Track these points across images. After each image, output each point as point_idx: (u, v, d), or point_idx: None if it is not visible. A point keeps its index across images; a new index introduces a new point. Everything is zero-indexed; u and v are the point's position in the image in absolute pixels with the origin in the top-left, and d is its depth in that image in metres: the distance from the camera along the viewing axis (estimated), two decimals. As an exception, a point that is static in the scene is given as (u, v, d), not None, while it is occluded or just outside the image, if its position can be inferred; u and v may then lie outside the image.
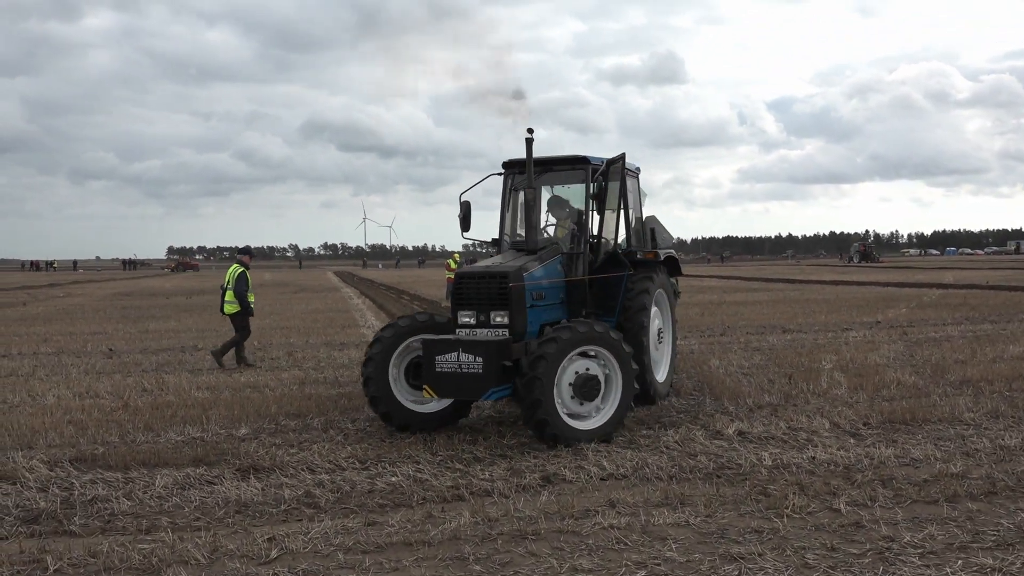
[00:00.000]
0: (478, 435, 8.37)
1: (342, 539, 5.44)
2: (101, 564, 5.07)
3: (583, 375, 7.81)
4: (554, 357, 7.62)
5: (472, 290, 8.30)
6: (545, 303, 8.61)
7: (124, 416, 9.54)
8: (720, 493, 6.33)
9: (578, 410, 7.86)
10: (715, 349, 14.74)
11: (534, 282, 8.41)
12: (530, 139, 8.80)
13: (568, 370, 7.78)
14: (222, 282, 14.21)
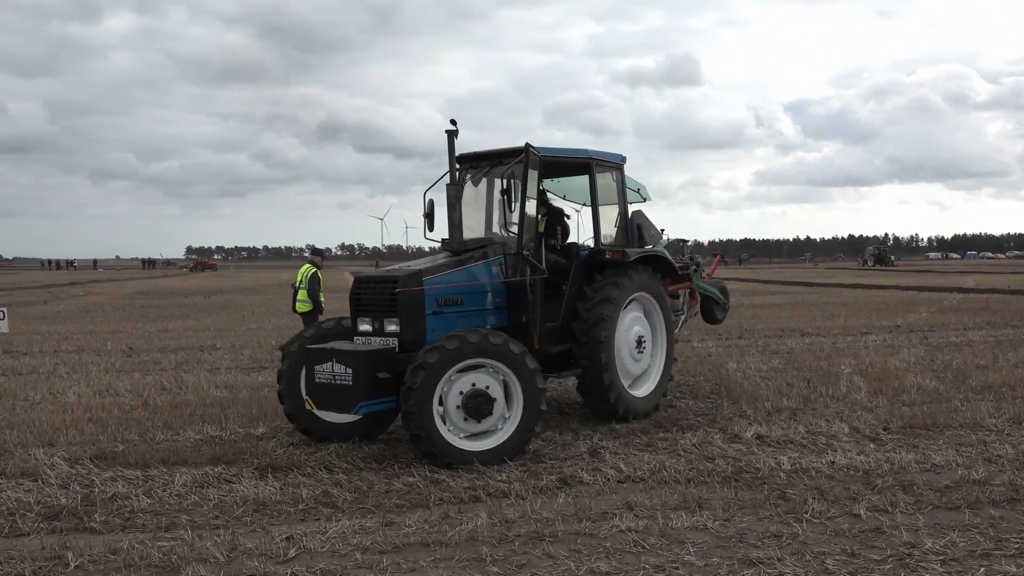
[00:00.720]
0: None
1: (360, 539, 5.46)
2: (121, 561, 5.11)
3: (471, 390, 7.15)
4: (435, 368, 6.99)
5: (367, 296, 7.85)
6: (460, 309, 7.91)
7: (143, 414, 9.62)
8: (738, 497, 6.29)
9: (466, 427, 7.21)
10: (732, 352, 14.67)
11: (440, 286, 7.77)
12: (451, 131, 8.05)
13: (458, 383, 7.14)
14: (293, 281, 14.28)
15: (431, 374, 7.00)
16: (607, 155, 9.41)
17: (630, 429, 8.67)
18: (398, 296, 7.56)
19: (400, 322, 7.58)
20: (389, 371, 7.30)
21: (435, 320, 7.68)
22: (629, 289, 8.96)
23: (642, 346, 9.22)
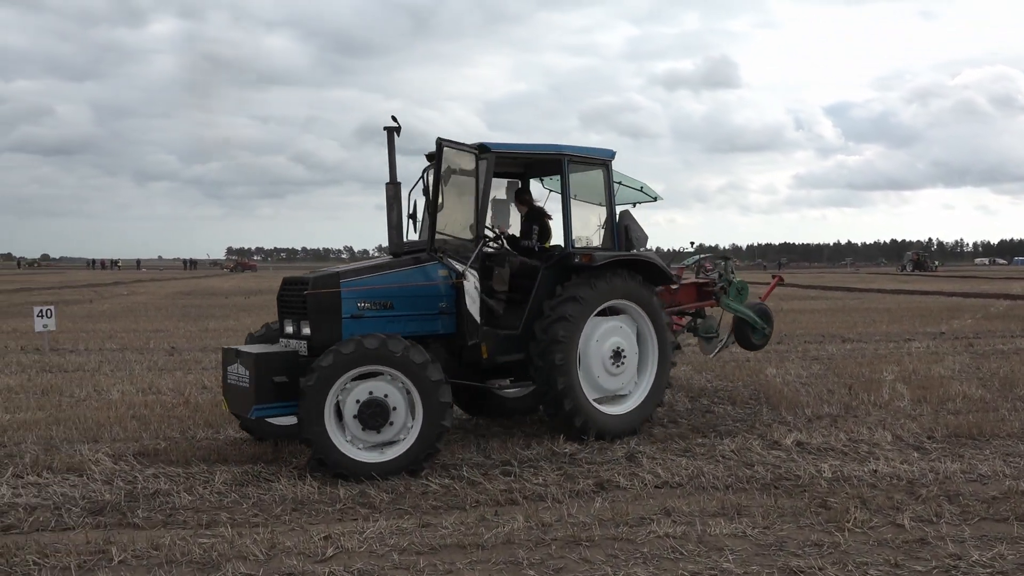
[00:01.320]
0: (532, 439, 8.35)
1: (397, 539, 5.48)
2: (163, 557, 5.19)
3: (367, 399, 6.87)
4: (328, 372, 6.78)
5: (289, 298, 7.71)
6: (391, 314, 7.55)
7: (185, 412, 9.77)
8: (778, 504, 6.21)
9: (366, 437, 6.93)
10: (772, 358, 14.50)
11: (361, 289, 7.47)
12: (391, 128, 7.65)
13: (356, 391, 6.89)
14: None
15: (323, 378, 6.80)
16: (587, 150, 8.73)
17: (667, 434, 8.60)
18: (307, 298, 7.41)
19: (310, 325, 7.37)
20: (288, 375, 7.06)
21: (355, 324, 7.34)
22: (597, 299, 8.22)
23: (621, 359, 8.43)
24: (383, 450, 7.01)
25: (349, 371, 6.86)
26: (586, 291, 8.16)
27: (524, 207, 9.22)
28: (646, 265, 8.74)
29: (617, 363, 8.43)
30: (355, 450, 6.92)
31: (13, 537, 5.57)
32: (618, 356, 8.43)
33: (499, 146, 8.14)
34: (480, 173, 7.86)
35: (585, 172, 8.88)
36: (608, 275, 8.34)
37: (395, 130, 7.62)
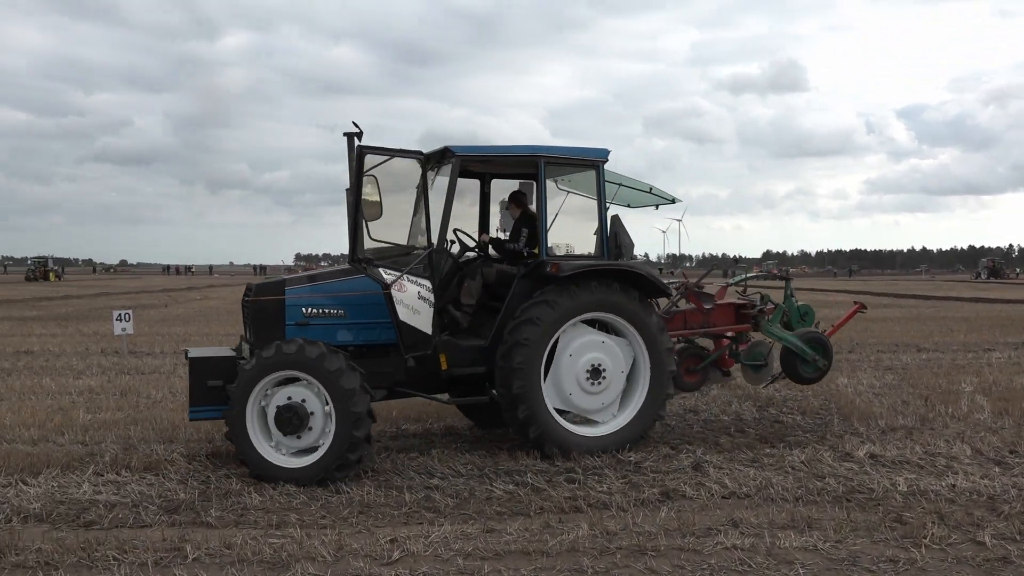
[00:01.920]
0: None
1: (461, 544, 5.51)
2: (235, 555, 5.32)
3: (285, 404, 6.89)
4: (248, 376, 6.89)
5: (246, 304, 7.85)
6: (342, 322, 7.51)
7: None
8: (851, 518, 6.04)
9: (289, 443, 6.97)
10: (843, 367, 14.13)
11: (307, 296, 7.48)
12: (351, 134, 7.54)
13: (278, 395, 6.93)
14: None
15: (244, 382, 6.90)
16: (570, 151, 8.19)
17: (734, 443, 8.46)
18: (248, 305, 7.59)
19: (253, 332, 7.51)
20: (224, 379, 7.12)
21: (300, 332, 7.32)
22: (574, 308, 7.76)
23: (599, 378, 7.88)
24: (297, 456, 7.03)
25: (268, 376, 6.92)
26: (562, 298, 7.71)
27: (518, 210, 8.74)
28: (634, 276, 8.03)
29: (594, 381, 7.85)
30: (276, 454, 6.97)
31: (94, 532, 5.78)
32: (596, 374, 7.85)
33: (465, 149, 7.88)
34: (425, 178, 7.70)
35: (565, 175, 8.54)
36: (591, 285, 7.83)
37: (356, 135, 7.57)
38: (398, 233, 7.79)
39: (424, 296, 7.57)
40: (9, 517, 6.08)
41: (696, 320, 9.22)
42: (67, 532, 5.80)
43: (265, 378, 6.93)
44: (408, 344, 7.53)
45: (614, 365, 7.94)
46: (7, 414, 9.76)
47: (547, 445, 7.69)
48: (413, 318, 7.50)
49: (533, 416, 7.65)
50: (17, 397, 11.11)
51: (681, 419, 9.75)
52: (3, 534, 5.70)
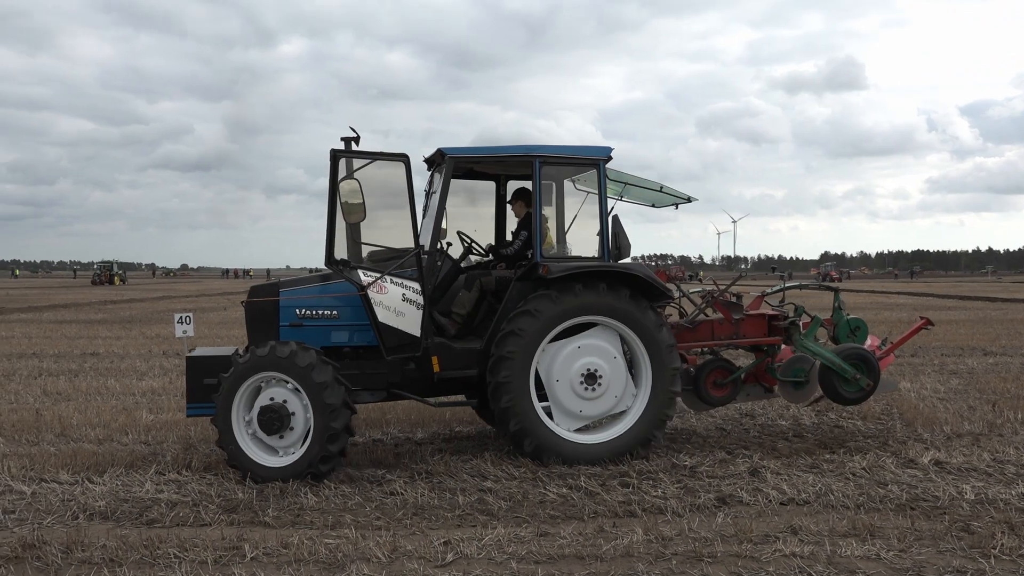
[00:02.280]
0: (648, 450, 8.22)
1: (515, 548, 5.50)
2: (292, 555, 5.39)
3: (269, 404, 7.05)
4: (234, 378, 7.07)
5: None
6: (335, 323, 7.55)
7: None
8: (915, 527, 5.87)
9: (273, 443, 7.12)
10: (905, 371, 13.77)
11: (300, 298, 7.57)
12: (348, 139, 7.54)
13: (261, 397, 7.10)
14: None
15: (230, 383, 7.07)
16: (568, 149, 7.99)
17: (792, 449, 8.30)
18: (246, 308, 7.71)
19: (248, 333, 7.68)
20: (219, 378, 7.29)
21: (293, 333, 7.43)
22: (561, 314, 7.57)
23: (596, 382, 7.70)
24: (277, 455, 7.16)
25: (248, 378, 7.08)
26: (545, 305, 7.55)
27: (524, 209, 8.50)
28: (631, 278, 7.78)
29: (590, 387, 7.68)
30: (261, 453, 7.13)
31: (156, 530, 5.91)
32: (592, 379, 7.68)
33: (458, 150, 7.83)
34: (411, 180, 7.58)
35: (564, 175, 8.38)
36: (578, 288, 7.61)
37: (353, 139, 7.60)
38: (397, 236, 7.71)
39: (410, 298, 7.55)
40: (76, 514, 6.27)
41: (724, 331, 8.72)
42: (130, 529, 5.95)
43: (248, 379, 7.09)
44: (390, 346, 7.54)
45: (611, 369, 7.74)
46: (74, 414, 10.06)
47: (546, 457, 7.58)
48: (396, 320, 7.51)
49: (526, 429, 7.57)
50: (84, 397, 11.45)
51: (737, 424, 9.60)
52: (70, 531, 5.87)
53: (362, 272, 7.54)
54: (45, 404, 10.91)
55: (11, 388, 12.28)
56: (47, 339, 20.03)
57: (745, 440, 8.79)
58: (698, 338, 8.72)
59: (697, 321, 8.80)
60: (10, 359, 15.93)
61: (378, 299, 7.46)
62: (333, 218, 7.37)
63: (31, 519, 6.18)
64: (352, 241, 7.62)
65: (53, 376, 13.60)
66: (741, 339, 8.76)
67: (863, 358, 8.45)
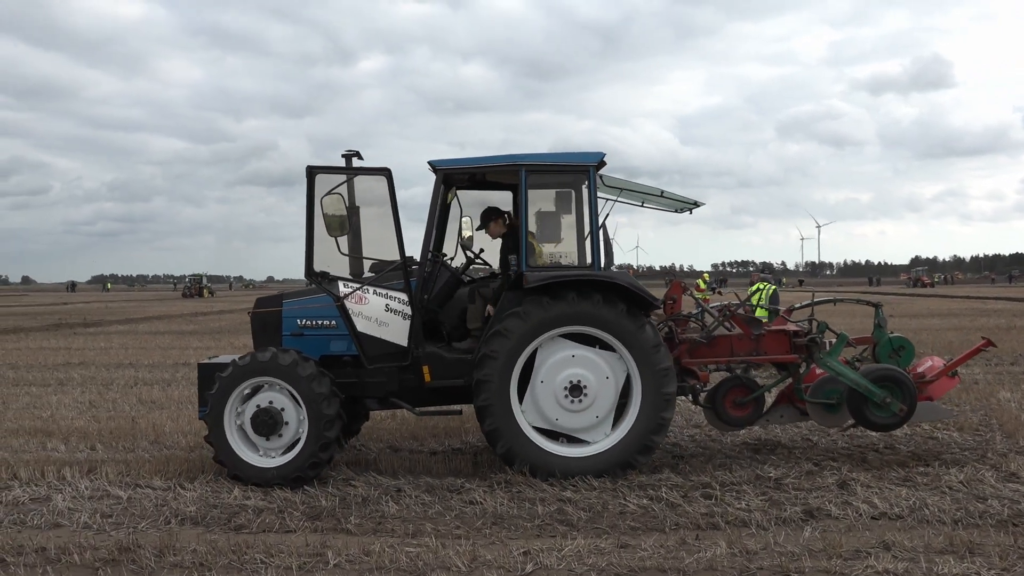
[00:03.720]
0: (732, 461, 8.04)
1: (595, 559, 5.43)
2: (374, 563, 5.45)
3: (263, 407, 7.34)
4: (226, 383, 7.38)
5: None
6: (336, 333, 7.75)
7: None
8: (1018, 544, 5.57)
9: (270, 445, 7.41)
10: (1004, 380, 13.12)
11: (302, 308, 7.84)
12: (349, 155, 7.80)
13: (254, 400, 7.39)
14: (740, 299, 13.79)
15: (222, 388, 7.38)
16: (556, 157, 7.88)
17: (883, 460, 7.99)
18: (251, 318, 8.11)
19: (253, 342, 8.04)
20: None
21: (295, 342, 7.75)
22: (549, 321, 7.42)
23: (580, 395, 7.48)
24: (268, 457, 7.42)
25: (245, 381, 7.39)
26: (535, 310, 7.44)
27: (501, 228, 8.40)
28: (615, 287, 7.49)
29: (575, 399, 7.48)
30: (253, 455, 7.42)
31: (243, 536, 6.06)
32: (577, 391, 7.48)
33: (446, 163, 7.88)
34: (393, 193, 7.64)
35: (552, 184, 8.22)
36: (568, 297, 7.44)
37: (355, 155, 7.86)
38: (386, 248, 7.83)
39: (395, 308, 7.73)
40: (168, 519, 6.49)
41: (744, 348, 8.23)
42: (219, 535, 6.12)
43: (243, 383, 7.41)
44: (372, 355, 7.72)
45: (597, 382, 7.49)
46: (167, 422, 10.44)
47: (516, 462, 7.45)
48: (378, 330, 7.72)
49: (500, 431, 7.45)
50: (176, 406, 11.87)
51: (824, 434, 9.30)
52: (163, 535, 6.07)
53: (342, 283, 7.79)
54: (140, 412, 11.35)
55: (109, 397, 12.83)
56: (142, 350, 20.89)
57: (833, 451, 8.50)
58: (715, 354, 8.27)
59: (715, 336, 8.35)
60: (108, 369, 16.65)
61: (357, 309, 7.72)
62: (311, 232, 7.64)
63: (127, 523, 6.42)
64: (340, 254, 7.83)
65: (148, 385, 14.15)
66: (761, 356, 8.29)
67: (895, 380, 7.84)
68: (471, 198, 8.83)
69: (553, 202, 8.44)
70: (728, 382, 8.33)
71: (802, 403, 8.34)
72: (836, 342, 8.23)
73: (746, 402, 8.26)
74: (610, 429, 7.58)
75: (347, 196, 7.78)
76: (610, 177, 8.62)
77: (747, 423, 8.37)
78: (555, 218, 8.37)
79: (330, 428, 7.32)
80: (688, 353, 8.20)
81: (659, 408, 7.50)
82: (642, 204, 9.12)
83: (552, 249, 8.22)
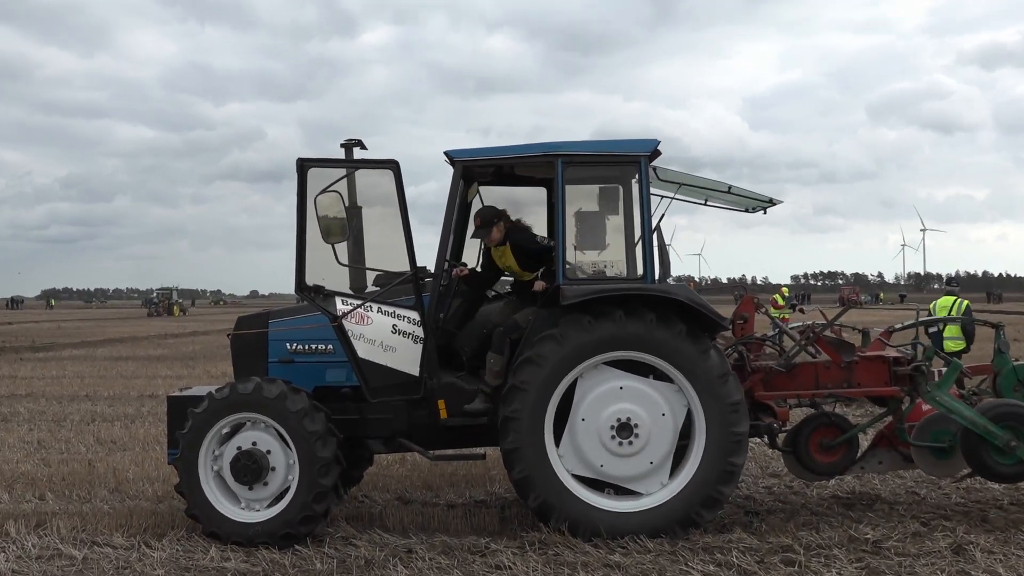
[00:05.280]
0: (819, 519, 7.96)
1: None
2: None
3: (250, 449, 7.33)
4: (207, 415, 7.37)
5: None
6: (331, 359, 7.85)
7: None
8: None
9: (254, 495, 7.38)
10: None
11: (292, 329, 7.91)
12: (350, 145, 7.86)
13: (235, 440, 7.39)
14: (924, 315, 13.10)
15: (197, 426, 7.35)
16: (600, 145, 7.96)
17: (1009, 520, 7.87)
18: (231, 341, 8.14)
19: (234, 370, 8.02)
20: None
21: (284, 370, 7.77)
22: (592, 345, 7.37)
23: (631, 434, 7.39)
24: (252, 510, 7.40)
25: (223, 418, 7.39)
26: (574, 332, 7.37)
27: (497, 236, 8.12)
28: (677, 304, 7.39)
29: (624, 440, 7.40)
30: (233, 507, 7.41)
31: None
32: (626, 430, 7.40)
33: (466, 153, 7.89)
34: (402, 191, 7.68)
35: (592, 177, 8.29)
36: (615, 315, 7.36)
37: (356, 144, 7.95)
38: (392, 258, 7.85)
39: (404, 330, 7.73)
40: (132, 584, 6.54)
41: (833, 378, 8.15)
42: (193, 604, 6.15)
43: (220, 421, 7.41)
44: (376, 387, 7.71)
45: (652, 420, 7.42)
46: (130, 466, 10.54)
47: (553, 518, 7.38)
48: (383, 356, 7.70)
49: (532, 480, 7.37)
50: (141, 447, 11.99)
51: (933, 487, 9.17)
52: (125, 603, 6.11)
53: (340, 300, 7.75)
54: (98, 454, 11.48)
55: (62, 436, 13.00)
56: (101, 379, 21.15)
57: (945, 508, 8.40)
58: (797, 386, 8.20)
59: (795, 364, 8.24)
60: (61, 402, 16.89)
61: (358, 331, 7.69)
62: (303, 238, 7.66)
63: (82, 589, 6.47)
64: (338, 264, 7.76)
65: (108, 422, 14.31)
66: (853, 388, 8.18)
67: (1022, 418, 7.72)
68: (497, 196, 8.84)
69: (596, 201, 8.48)
70: (813, 421, 8.26)
71: (906, 447, 8.22)
72: (947, 371, 8.12)
73: (836, 445, 8.17)
74: (667, 478, 7.54)
75: (347, 194, 7.85)
76: (665, 170, 8.62)
77: (837, 471, 8.29)
78: (598, 220, 8.38)
79: (326, 475, 7.31)
80: (763, 384, 8.14)
81: (727, 452, 7.42)
82: (705, 202, 9.11)
83: (595, 258, 8.24)
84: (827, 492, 9.06)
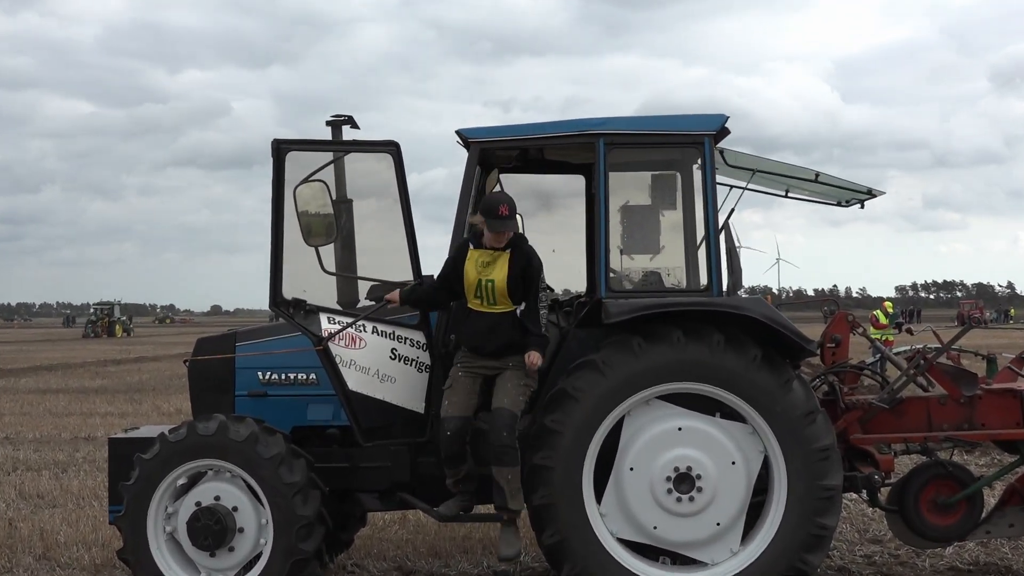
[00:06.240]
0: None
1: None
2: None
3: (207, 507, 7.26)
4: (151, 469, 7.33)
5: None
6: (314, 392, 7.83)
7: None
8: None
9: (206, 563, 7.31)
10: None
11: (265, 354, 7.94)
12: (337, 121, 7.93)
13: (194, 494, 7.33)
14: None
15: (145, 476, 7.31)
16: (654, 122, 8.03)
17: None
18: (188, 369, 8.15)
19: (192, 405, 8.06)
20: None
21: (255, 406, 7.72)
22: (643, 375, 7.31)
23: (693, 488, 7.30)
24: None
25: (179, 467, 7.35)
26: (621, 358, 7.29)
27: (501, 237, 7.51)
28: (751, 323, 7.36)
29: (683, 496, 7.31)
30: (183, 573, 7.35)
31: None
32: (687, 483, 7.33)
33: (483, 133, 7.93)
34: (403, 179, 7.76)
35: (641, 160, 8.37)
36: (672, 338, 7.29)
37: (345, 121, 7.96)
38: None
39: (406, 355, 7.76)
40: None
41: (950, 417, 8.08)
42: None
43: (174, 471, 7.38)
44: (370, 427, 7.73)
45: (719, 467, 7.36)
46: (61, 527, 10.59)
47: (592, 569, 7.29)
48: (379, 388, 7.71)
49: (566, 545, 7.28)
50: (75, 504, 12.04)
51: None
52: None
53: (325, 317, 7.76)
54: (22, 512, 11.52)
55: (-24, 488, 13.05)
56: (25, 416, 21.31)
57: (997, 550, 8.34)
58: (904, 427, 8.11)
59: (898, 399, 8.11)
60: (-25, 446, 16.96)
61: (348, 357, 7.70)
62: (279, 239, 7.70)
63: None
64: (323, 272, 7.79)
65: (33, 471, 14.37)
66: (976, 430, 8.11)
67: None
68: (523, 186, 8.83)
69: (648, 192, 8.47)
70: (925, 472, 8.19)
71: None
72: None
73: (954, 503, 8.10)
74: (738, 544, 7.50)
75: (334, 185, 7.87)
76: (736, 153, 8.64)
77: (957, 536, 8.22)
78: (651, 216, 8.40)
79: (307, 538, 7.30)
80: (861, 425, 8.10)
81: (815, 511, 7.35)
82: (786, 193, 9.11)
83: (647, 264, 8.25)
84: (943, 563, 9.03)
